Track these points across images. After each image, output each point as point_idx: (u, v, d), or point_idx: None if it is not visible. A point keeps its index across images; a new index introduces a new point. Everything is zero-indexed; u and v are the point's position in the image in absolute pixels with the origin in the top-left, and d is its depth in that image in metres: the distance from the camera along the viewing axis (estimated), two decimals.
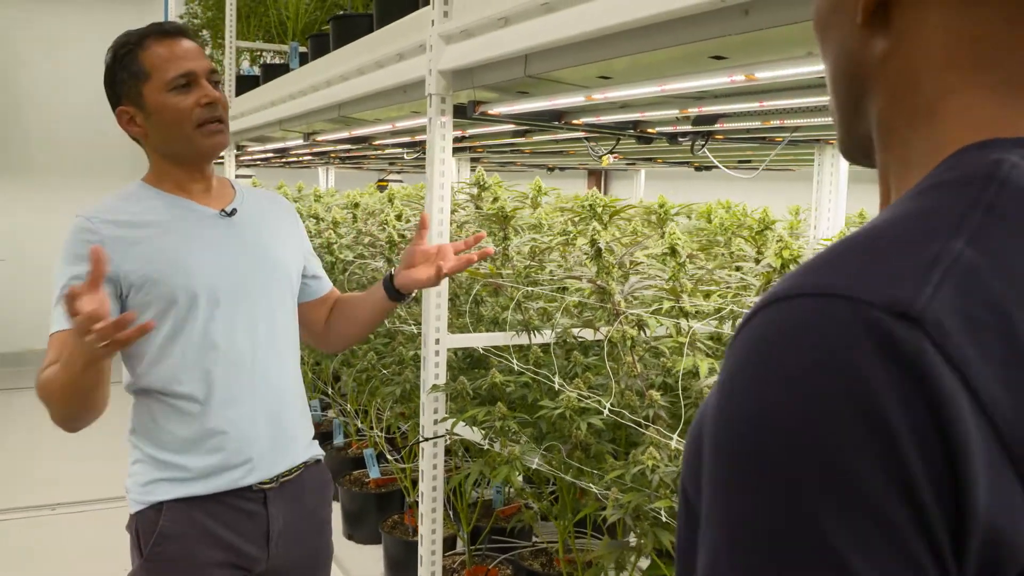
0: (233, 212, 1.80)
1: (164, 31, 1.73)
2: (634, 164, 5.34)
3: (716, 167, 2.80)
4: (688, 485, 0.59)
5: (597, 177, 7.83)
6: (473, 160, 5.44)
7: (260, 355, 1.76)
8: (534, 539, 3.20)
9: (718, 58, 1.69)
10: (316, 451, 1.89)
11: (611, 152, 3.01)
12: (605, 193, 7.70)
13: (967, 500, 0.44)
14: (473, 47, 2.17)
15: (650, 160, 4.61)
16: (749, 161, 3.86)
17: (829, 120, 2.31)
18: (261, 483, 1.74)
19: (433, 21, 2.30)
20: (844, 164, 2.91)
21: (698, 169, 4.47)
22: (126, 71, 1.71)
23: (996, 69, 0.54)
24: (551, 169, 5.86)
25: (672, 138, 2.61)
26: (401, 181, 7.26)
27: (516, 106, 2.31)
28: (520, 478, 2.49)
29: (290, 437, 1.80)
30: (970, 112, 0.55)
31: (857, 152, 0.66)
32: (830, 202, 2.95)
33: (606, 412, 1.86)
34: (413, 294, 1.94)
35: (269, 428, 1.76)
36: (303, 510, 1.82)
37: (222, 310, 1.72)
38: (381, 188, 5.39)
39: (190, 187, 1.78)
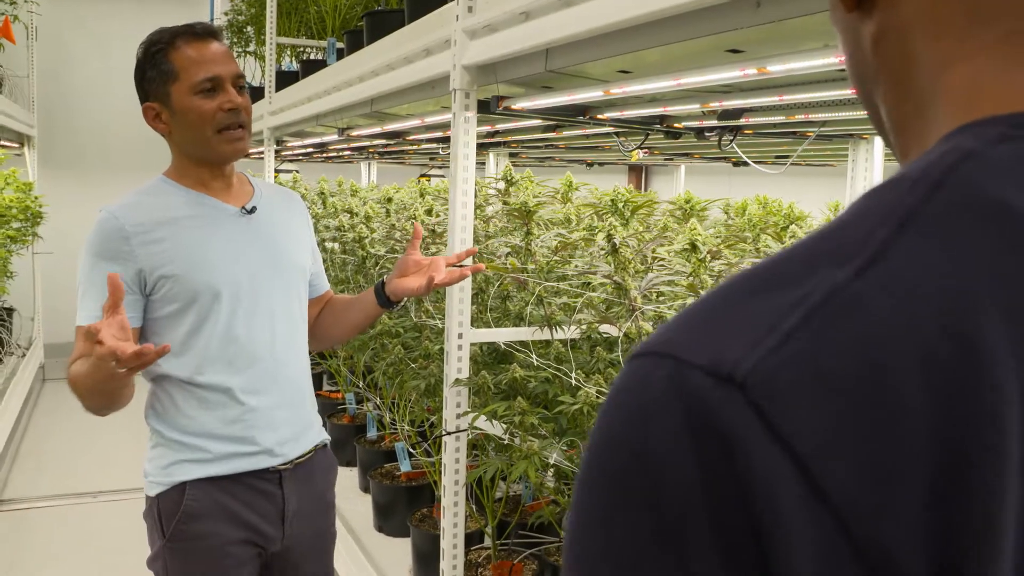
0: (253, 210, 1.87)
1: (194, 32, 1.78)
2: (672, 160, 5.30)
3: (746, 163, 2.77)
4: None
5: (638, 173, 7.78)
6: (511, 155, 5.44)
7: (279, 347, 1.84)
8: (562, 535, 3.20)
9: (735, 52, 1.67)
10: (324, 436, 1.98)
11: (640, 147, 2.99)
12: (645, 189, 7.66)
13: None
14: (496, 42, 2.17)
15: (687, 156, 4.57)
16: (786, 157, 3.81)
17: (858, 114, 2.27)
18: (276, 467, 1.83)
19: (457, 16, 2.31)
20: (879, 159, 2.85)
21: (736, 165, 4.42)
22: (155, 69, 1.77)
23: (999, 19, 0.42)
24: (589, 165, 5.84)
25: (699, 133, 2.58)
26: (443, 176, 7.28)
27: (539, 101, 2.30)
28: (550, 473, 2.49)
29: (306, 423, 1.90)
30: (975, 85, 0.43)
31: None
32: None
33: None
34: (402, 302, 2.00)
35: (288, 415, 1.85)
36: (313, 491, 1.92)
37: (243, 305, 1.79)
38: (429, 183, 5.43)
39: (211, 184, 1.84)
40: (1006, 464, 0.35)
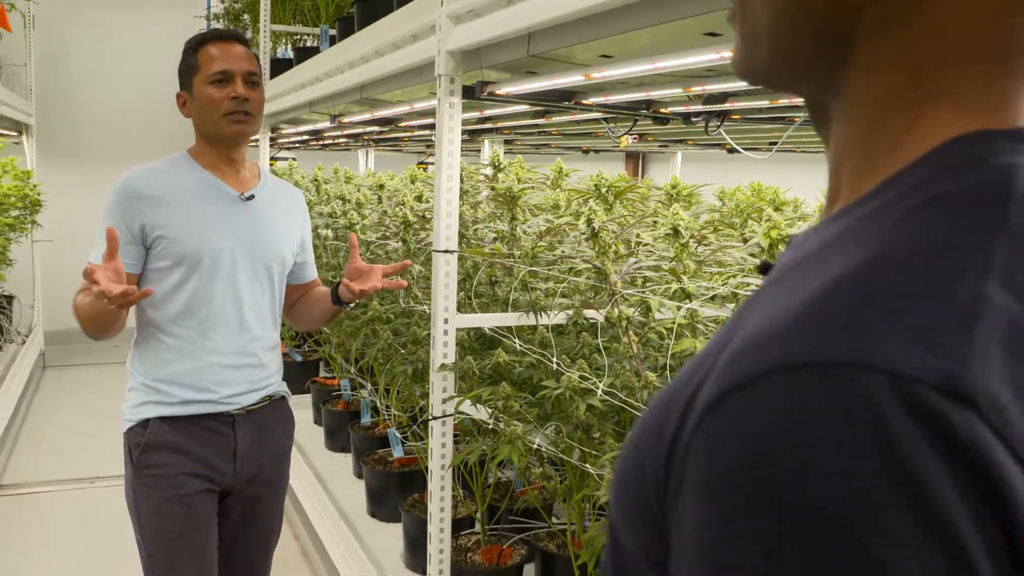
0: (251, 197, 2.15)
1: (220, 35, 2.14)
2: (667, 147, 5.29)
3: (736, 150, 2.76)
4: (619, 525, 0.51)
5: (635, 160, 7.77)
6: (506, 143, 5.44)
7: (244, 314, 2.12)
8: (554, 520, 3.21)
9: (713, 35, 1.67)
10: (281, 389, 2.26)
11: (629, 133, 2.99)
12: (642, 176, 7.64)
13: None
14: (480, 27, 2.17)
15: (681, 143, 4.56)
16: (775, 143, 3.80)
17: None
18: (229, 411, 2.12)
19: (442, 2, 2.31)
20: None
21: (730, 151, 4.42)
22: (185, 63, 2.12)
23: (1007, 58, 0.44)
24: (585, 152, 5.83)
25: (686, 118, 2.58)
26: None
27: (523, 86, 2.30)
28: (535, 458, 2.51)
29: (260, 379, 2.17)
30: (970, 103, 0.45)
31: (773, 85, 0.56)
32: None
33: (599, 392, 1.86)
34: (351, 305, 2.25)
35: (244, 375, 2.13)
36: (265, 436, 2.19)
37: (221, 274, 2.08)
38: (424, 171, 5.43)
39: (222, 167, 2.15)
40: None
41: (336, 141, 6.20)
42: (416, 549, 3.20)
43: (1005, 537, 0.35)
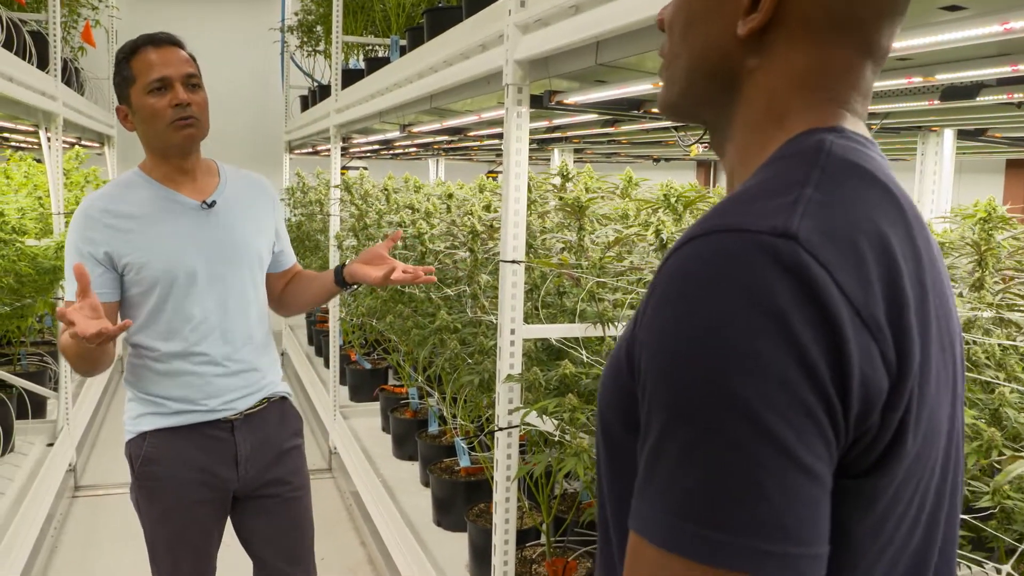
0: (212, 204, 2.11)
1: (152, 40, 2.05)
2: None
3: None
4: (608, 412, 0.75)
5: (706, 168, 7.67)
6: (576, 151, 5.41)
7: (229, 323, 2.11)
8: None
9: None
10: (280, 390, 2.25)
11: (699, 142, 2.94)
12: (713, 185, 7.54)
13: (845, 357, 0.61)
14: (547, 36, 2.16)
15: None
16: None
17: (923, 104, 2.20)
18: (227, 417, 2.12)
19: (510, 11, 2.30)
20: (949, 152, 2.75)
21: None
22: (119, 75, 2.04)
23: (827, 90, 0.74)
24: (656, 160, 5.78)
25: None
26: None
27: (591, 95, 2.28)
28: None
29: (253, 382, 2.16)
30: (804, 115, 0.74)
31: (682, 115, 0.84)
32: (933, 192, 2.79)
33: None
34: (356, 286, 2.24)
35: (235, 382, 2.12)
36: (265, 438, 2.18)
37: (198, 288, 2.06)
38: (495, 180, 5.44)
39: (176, 179, 2.10)
40: (909, 298, 0.66)
41: (407, 150, 6.26)
42: (481, 559, 3.19)
43: (822, 317, 0.61)
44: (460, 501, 3.64)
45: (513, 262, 2.36)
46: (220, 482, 2.12)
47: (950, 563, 0.78)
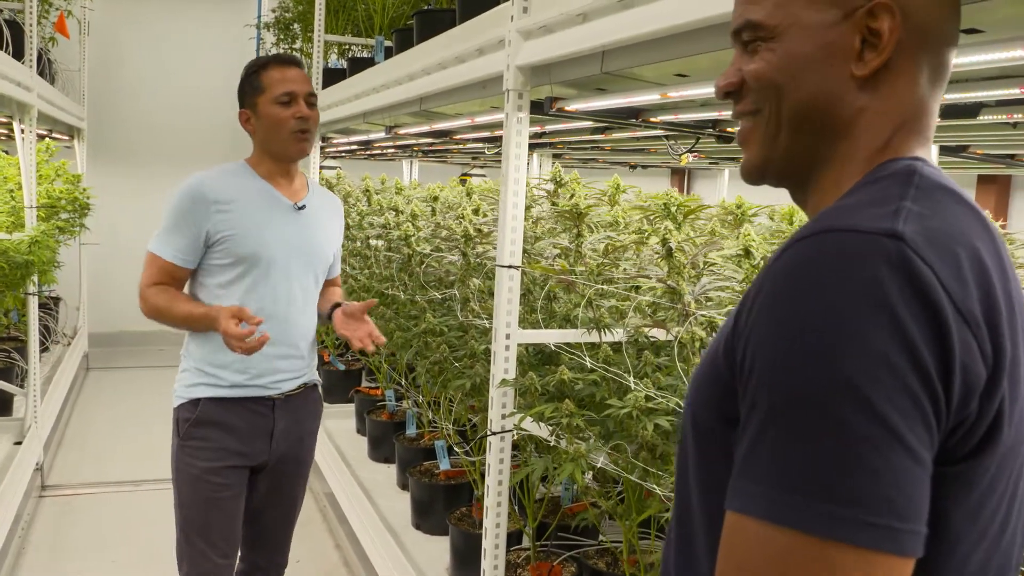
0: (303, 207, 2.40)
1: (282, 60, 2.37)
2: (717, 164, 5.26)
3: None
4: (699, 406, 0.81)
5: (680, 176, 7.73)
6: (555, 156, 5.43)
7: (292, 311, 2.36)
8: (600, 538, 3.19)
9: None
10: (315, 378, 2.52)
11: (691, 151, 2.97)
12: (687, 192, 7.61)
13: (947, 347, 0.66)
14: (551, 43, 2.17)
15: (733, 160, 4.53)
16: None
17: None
18: (271, 396, 2.36)
19: (512, 17, 2.30)
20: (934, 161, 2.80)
21: None
22: (249, 84, 2.33)
23: (920, 121, 0.82)
24: (632, 167, 5.82)
25: None
26: (484, 176, 7.29)
27: (593, 103, 2.30)
28: (589, 476, 2.49)
29: (298, 368, 2.42)
30: (899, 145, 0.81)
31: (777, 175, 0.89)
32: None
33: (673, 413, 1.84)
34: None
35: (287, 364, 2.38)
36: (298, 418, 2.43)
37: (273, 275, 2.31)
38: (463, 183, 5.43)
39: (277, 178, 2.38)
40: (1001, 305, 0.72)
41: (384, 151, 6.23)
42: (463, 563, 3.19)
43: (928, 310, 0.67)
44: (440, 504, 3.63)
45: (510, 267, 2.36)
46: (255, 452, 2.36)
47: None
